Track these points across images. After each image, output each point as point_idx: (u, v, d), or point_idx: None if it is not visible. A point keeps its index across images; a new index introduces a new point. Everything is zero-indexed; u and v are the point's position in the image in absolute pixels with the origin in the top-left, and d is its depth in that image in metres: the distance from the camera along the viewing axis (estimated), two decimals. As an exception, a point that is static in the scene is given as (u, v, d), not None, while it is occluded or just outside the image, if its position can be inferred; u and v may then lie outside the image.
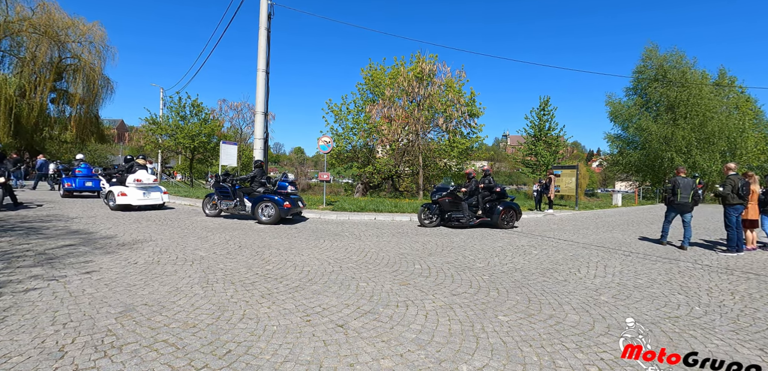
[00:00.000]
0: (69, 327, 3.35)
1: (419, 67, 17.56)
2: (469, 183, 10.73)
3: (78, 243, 6.62)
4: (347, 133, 20.10)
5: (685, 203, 8.44)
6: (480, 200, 10.57)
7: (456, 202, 10.34)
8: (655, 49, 29.46)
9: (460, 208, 10.27)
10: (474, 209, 10.51)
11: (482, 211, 10.52)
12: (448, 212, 10.37)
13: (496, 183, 11.21)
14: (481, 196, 10.64)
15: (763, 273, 6.06)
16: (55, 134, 33.04)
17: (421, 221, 10.54)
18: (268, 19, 14.07)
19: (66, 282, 4.50)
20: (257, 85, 14.24)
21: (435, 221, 10.45)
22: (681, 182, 8.46)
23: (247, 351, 3.04)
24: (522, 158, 29.76)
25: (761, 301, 4.68)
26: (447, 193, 10.45)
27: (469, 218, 10.24)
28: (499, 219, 10.37)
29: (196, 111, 22.98)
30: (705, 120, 26.50)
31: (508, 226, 10.46)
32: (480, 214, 10.49)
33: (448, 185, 10.84)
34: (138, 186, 11.58)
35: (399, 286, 4.90)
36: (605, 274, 5.79)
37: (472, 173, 11.21)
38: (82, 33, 29.89)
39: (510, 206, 10.57)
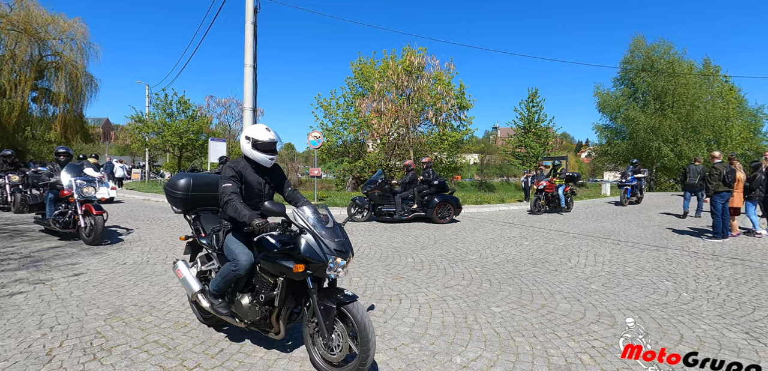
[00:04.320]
0: (56, 330, 3.28)
1: (408, 61, 17.51)
2: (407, 175, 10.39)
3: (64, 245, 6.50)
4: (337, 128, 19.98)
5: (692, 185, 11.09)
6: (416, 194, 10.06)
7: (387, 195, 9.95)
8: (642, 40, 29.77)
9: (392, 201, 9.89)
10: (409, 202, 10.02)
11: (419, 204, 9.99)
12: (379, 205, 9.93)
13: (436, 176, 10.66)
14: (419, 189, 10.13)
15: (747, 259, 6.20)
16: (37, 134, 32.25)
17: (350, 215, 10.09)
18: (255, 13, 13.87)
19: (53, 285, 4.41)
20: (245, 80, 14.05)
21: (365, 214, 10.00)
22: (691, 168, 11.35)
23: (239, 350, 3.01)
24: (512, 150, 29.95)
25: (746, 286, 4.78)
26: (375, 185, 10.02)
27: (402, 211, 9.80)
28: (434, 213, 9.79)
29: (184, 108, 22.66)
30: (692, 109, 26.91)
31: (443, 220, 9.84)
32: (415, 208, 9.94)
33: (380, 177, 10.35)
34: None
35: (392, 280, 4.90)
36: (595, 263, 5.87)
37: (411, 164, 10.79)
38: (62, 30, 29.14)
39: (447, 200, 9.97)
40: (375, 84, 17.83)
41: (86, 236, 6.59)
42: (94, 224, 6.50)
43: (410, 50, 18.35)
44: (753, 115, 32.78)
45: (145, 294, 4.20)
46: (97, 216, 6.54)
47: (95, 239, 6.52)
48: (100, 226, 6.49)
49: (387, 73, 17.75)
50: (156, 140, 22.39)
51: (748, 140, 30.62)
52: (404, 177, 10.49)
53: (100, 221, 6.52)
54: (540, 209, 12.06)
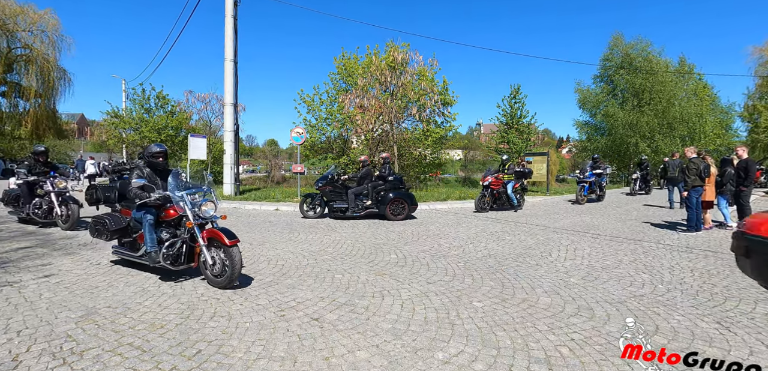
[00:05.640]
0: (24, 334, 3.15)
1: (392, 56, 17.45)
2: (361, 170, 10.26)
3: (35, 245, 6.25)
4: (321, 124, 19.79)
5: (674, 178, 12.13)
6: (371, 190, 9.86)
7: (339, 191, 9.80)
8: (620, 38, 30.40)
9: (344, 197, 9.69)
10: (363, 198, 9.85)
11: (373, 201, 9.81)
12: (331, 201, 9.72)
13: (391, 172, 10.44)
14: (373, 185, 9.93)
15: (719, 251, 6.41)
16: (7, 130, 31.00)
17: (303, 212, 9.90)
18: (235, 6, 13.62)
19: (21, 287, 4.23)
20: (225, 75, 13.81)
21: (318, 211, 9.86)
22: (670, 163, 12.90)
23: (218, 350, 2.95)
24: (495, 145, 30.27)
25: (718, 277, 4.93)
26: (326, 181, 9.87)
27: (354, 208, 9.58)
28: (387, 210, 9.55)
29: (162, 103, 22.05)
30: (668, 106, 27.67)
31: (397, 217, 9.58)
32: (369, 204, 9.76)
33: (332, 172, 10.21)
34: None
35: (375, 276, 4.88)
36: (575, 257, 5.97)
37: (366, 160, 10.68)
38: (33, 21, 28.06)
39: (401, 197, 9.73)
40: (358, 80, 17.71)
41: (214, 277, 4.29)
42: (232, 262, 4.15)
43: (393, 46, 18.29)
44: (725, 112, 33.99)
45: (120, 295, 4.07)
46: (232, 248, 4.16)
47: (229, 281, 4.25)
48: (237, 263, 4.17)
49: (370, 68, 17.66)
50: (133, 136, 21.73)
51: (721, 136, 31.71)
52: (358, 172, 10.35)
53: (237, 257, 4.17)
54: (485, 207, 11.44)
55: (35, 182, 7.94)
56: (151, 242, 4.51)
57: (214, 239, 4.28)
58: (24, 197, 8.02)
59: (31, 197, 7.95)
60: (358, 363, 2.78)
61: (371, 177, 10.14)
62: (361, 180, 10.04)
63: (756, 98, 31.60)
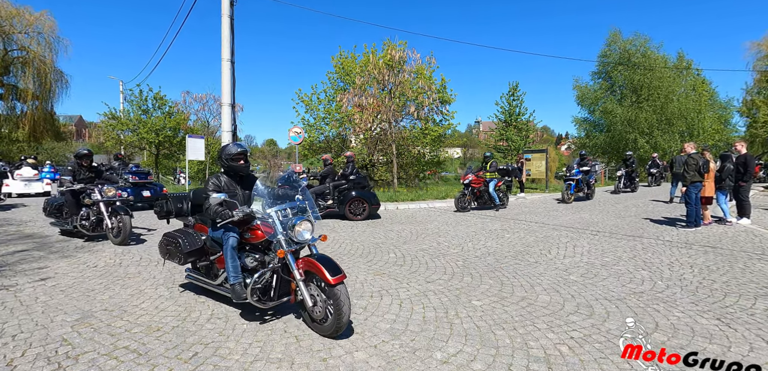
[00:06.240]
0: (19, 338, 3.12)
1: (389, 55, 17.40)
2: (324, 169, 10.13)
3: (31, 248, 6.22)
4: (319, 123, 19.76)
5: (679, 173, 11.30)
6: (331, 189, 9.72)
7: None
8: (618, 34, 30.38)
9: None
10: (325, 197, 9.68)
11: (334, 200, 9.62)
12: None
13: (355, 170, 10.27)
14: (335, 184, 9.77)
15: (718, 246, 6.39)
16: (5, 132, 30.89)
17: None
18: (231, 5, 13.56)
19: (17, 291, 4.20)
20: (223, 75, 13.75)
21: None
22: (677, 158, 12.69)
23: (214, 353, 2.92)
24: (494, 143, 30.25)
25: (718, 273, 4.92)
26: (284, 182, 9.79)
27: None
28: (346, 209, 9.42)
29: (159, 104, 22.01)
30: (666, 102, 27.66)
31: (356, 217, 9.41)
32: (330, 204, 9.57)
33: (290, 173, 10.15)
34: (20, 179, 14.86)
35: (373, 276, 4.86)
36: (574, 254, 5.95)
37: (328, 158, 10.58)
38: (28, 23, 27.92)
39: (361, 197, 9.54)
40: (356, 78, 17.68)
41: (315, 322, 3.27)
42: (337, 305, 3.09)
43: (391, 44, 18.24)
44: (723, 107, 33.98)
45: (117, 298, 4.05)
46: (336, 287, 3.06)
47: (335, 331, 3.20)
48: (345, 308, 3.09)
49: (368, 67, 17.61)
50: (131, 138, 21.70)
51: (719, 131, 31.72)
52: (322, 171, 10.27)
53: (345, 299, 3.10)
54: (466, 206, 11.05)
55: (82, 190, 6.87)
56: (235, 272, 3.50)
57: (313, 273, 3.26)
58: (69, 208, 6.98)
59: (77, 207, 6.90)
60: (355, 364, 2.76)
61: (333, 176, 10.04)
62: (323, 179, 9.96)
63: (754, 92, 31.57)
